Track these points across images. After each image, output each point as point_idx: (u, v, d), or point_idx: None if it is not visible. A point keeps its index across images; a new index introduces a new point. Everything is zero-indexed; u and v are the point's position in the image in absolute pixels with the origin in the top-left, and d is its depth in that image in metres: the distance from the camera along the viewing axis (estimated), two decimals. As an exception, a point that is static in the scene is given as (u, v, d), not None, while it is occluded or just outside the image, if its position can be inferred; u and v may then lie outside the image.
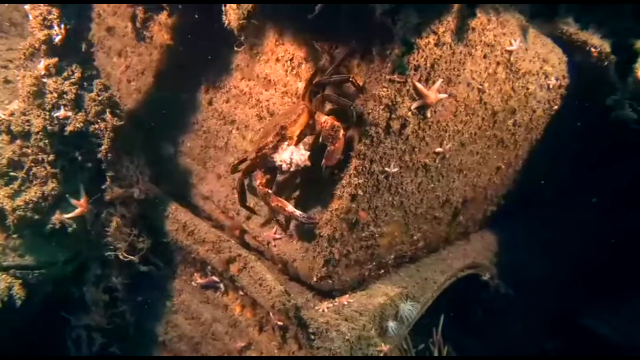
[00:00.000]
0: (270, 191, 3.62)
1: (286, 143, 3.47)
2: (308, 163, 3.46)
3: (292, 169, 3.50)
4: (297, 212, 3.61)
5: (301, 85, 3.74)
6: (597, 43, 4.25)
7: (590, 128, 4.69)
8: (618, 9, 2.09)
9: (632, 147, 4.45)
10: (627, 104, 2.51)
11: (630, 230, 5.23)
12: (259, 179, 3.64)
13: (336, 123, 3.39)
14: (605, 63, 4.16)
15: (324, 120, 3.42)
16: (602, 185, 5.23)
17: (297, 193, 3.87)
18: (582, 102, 4.27)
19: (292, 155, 3.43)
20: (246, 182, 3.91)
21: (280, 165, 3.48)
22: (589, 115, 4.14)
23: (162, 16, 4.52)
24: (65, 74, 4.05)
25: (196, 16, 4.21)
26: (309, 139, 3.72)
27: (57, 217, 4.01)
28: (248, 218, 4.16)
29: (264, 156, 3.53)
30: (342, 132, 3.38)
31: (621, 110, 2.52)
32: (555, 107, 4.47)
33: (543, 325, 5.59)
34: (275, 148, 3.47)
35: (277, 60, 3.94)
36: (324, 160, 3.42)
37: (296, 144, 3.54)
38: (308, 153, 3.47)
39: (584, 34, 4.31)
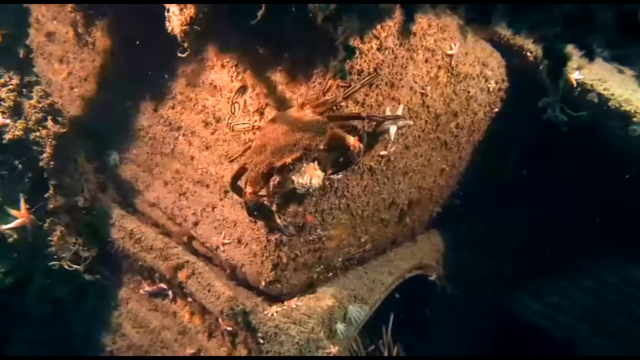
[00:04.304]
0: (264, 202, 3.41)
1: (305, 164, 3.22)
2: (321, 185, 3.30)
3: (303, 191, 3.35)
4: (282, 226, 3.49)
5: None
6: (533, 48, 4.42)
7: (527, 130, 4.89)
8: (548, 15, 2.17)
9: (562, 148, 4.65)
10: (558, 107, 2.61)
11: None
12: (250, 187, 3.34)
13: (362, 146, 3.28)
14: (541, 67, 4.34)
15: (353, 142, 3.25)
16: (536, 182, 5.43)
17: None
18: (519, 105, 4.43)
19: (311, 180, 3.24)
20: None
21: (295, 188, 3.29)
22: (526, 117, 4.29)
23: (105, 22, 4.46)
24: (2, 80, 3.95)
25: (139, 22, 4.16)
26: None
27: (-5, 228, 3.91)
28: (195, 224, 4.13)
29: (280, 174, 3.24)
30: (362, 154, 3.33)
31: (552, 112, 2.61)
32: (496, 109, 4.62)
33: (490, 322, 5.72)
34: (291, 169, 3.18)
35: (223, 66, 3.93)
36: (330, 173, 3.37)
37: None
38: (324, 175, 3.29)
39: (521, 38, 4.49)
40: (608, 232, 5.14)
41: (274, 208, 3.56)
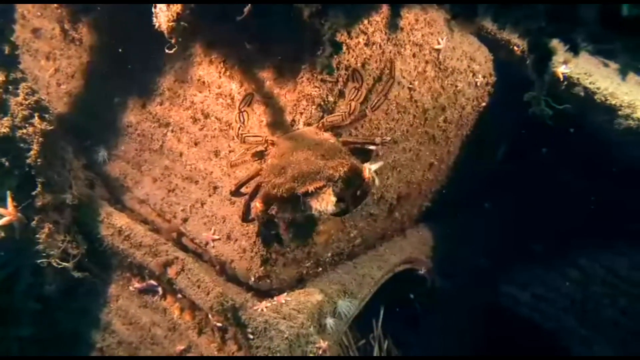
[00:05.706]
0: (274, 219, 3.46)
1: (324, 191, 3.18)
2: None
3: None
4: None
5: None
6: (520, 42, 4.44)
7: (514, 124, 4.92)
8: (532, 10, 2.19)
9: (547, 142, 4.68)
10: (543, 101, 2.63)
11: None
12: (261, 204, 3.32)
13: (375, 177, 3.33)
14: (528, 61, 4.36)
15: (369, 174, 3.28)
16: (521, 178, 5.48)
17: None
18: (506, 99, 4.45)
19: (327, 207, 3.19)
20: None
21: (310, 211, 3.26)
22: (513, 112, 4.32)
23: (92, 18, 4.43)
24: (-13, 77, 3.92)
25: (127, 18, 4.14)
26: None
27: (-19, 226, 3.87)
28: (185, 220, 4.13)
29: (296, 197, 3.20)
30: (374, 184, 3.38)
31: (538, 106, 2.64)
32: (483, 104, 4.64)
33: (480, 314, 5.77)
34: (312, 194, 3.15)
35: (211, 62, 3.92)
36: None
37: None
38: (337, 203, 3.28)
39: (507, 33, 4.50)
40: (594, 224, 5.19)
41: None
